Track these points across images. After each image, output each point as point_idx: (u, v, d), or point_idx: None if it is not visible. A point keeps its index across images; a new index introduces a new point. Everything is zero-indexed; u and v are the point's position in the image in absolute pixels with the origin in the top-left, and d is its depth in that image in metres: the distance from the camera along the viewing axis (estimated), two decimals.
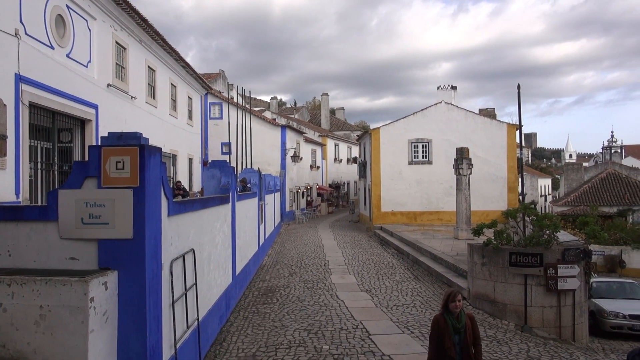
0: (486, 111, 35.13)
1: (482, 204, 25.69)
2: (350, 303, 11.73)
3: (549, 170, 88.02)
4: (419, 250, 18.34)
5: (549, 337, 10.40)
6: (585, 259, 11.04)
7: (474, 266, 11.66)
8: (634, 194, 40.91)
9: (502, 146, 27.52)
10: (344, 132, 56.76)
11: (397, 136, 28.31)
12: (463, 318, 5.62)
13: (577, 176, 49.12)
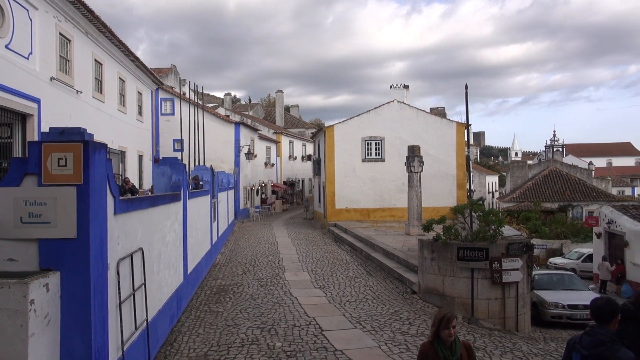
0: (437, 110, 36.10)
1: (432, 200, 26.35)
2: (304, 300, 11.79)
3: (496, 168, 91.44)
4: (372, 246, 18.63)
5: (494, 328, 10.84)
6: (527, 252, 11.56)
7: (424, 261, 11.97)
8: (574, 190, 43.16)
9: (451, 144, 28.34)
10: (298, 130, 56.79)
11: (351, 134, 28.60)
12: (458, 348, 4.58)
13: (522, 173, 51.24)
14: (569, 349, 4.21)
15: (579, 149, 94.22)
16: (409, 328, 9.70)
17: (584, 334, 4.08)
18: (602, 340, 3.93)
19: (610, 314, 4.06)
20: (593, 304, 4.25)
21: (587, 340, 3.99)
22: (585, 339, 4.02)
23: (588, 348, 3.96)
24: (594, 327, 4.07)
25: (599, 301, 4.27)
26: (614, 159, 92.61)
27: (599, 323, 4.08)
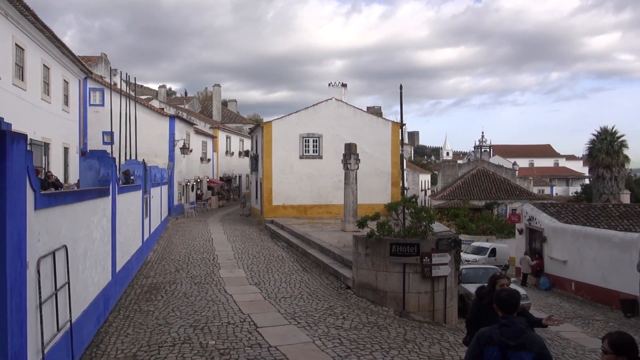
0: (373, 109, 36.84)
1: (368, 197, 26.89)
2: (239, 297, 11.68)
3: (429, 167, 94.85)
4: (308, 242, 18.76)
5: (424, 321, 11.26)
6: (455, 247, 12.10)
7: (358, 257, 12.21)
8: (499, 189, 45.64)
9: (387, 143, 29.05)
10: (236, 125, 55.99)
11: (289, 130, 28.59)
12: None
13: (452, 172, 53.51)
14: (481, 344, 4.19)
15: (505, 150, 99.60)
16: (343, 322, 9.87)
17: (502, 326, 4.20)
18: (521, 328, 4.15)
19: (516, 304, 4.35)
20: (499, 297, 4.46)
21: (510, 331, 4.13)
22: (506, 331, 4.14)
23: (514, 338, 4.08)
24: (509, 318, 4.26)
25: (503, 293, 4.51)
26: (535, 160, 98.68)
27: (509, 313, 4.32)
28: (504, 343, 4.08)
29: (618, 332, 3.83)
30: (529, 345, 4.05)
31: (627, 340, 3.70)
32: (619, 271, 17.69)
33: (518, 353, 4.03)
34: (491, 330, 4.23)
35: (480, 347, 4.15)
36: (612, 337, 3.74)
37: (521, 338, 4.08)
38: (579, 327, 14.22)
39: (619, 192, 43.18)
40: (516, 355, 4.03)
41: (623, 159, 44.81)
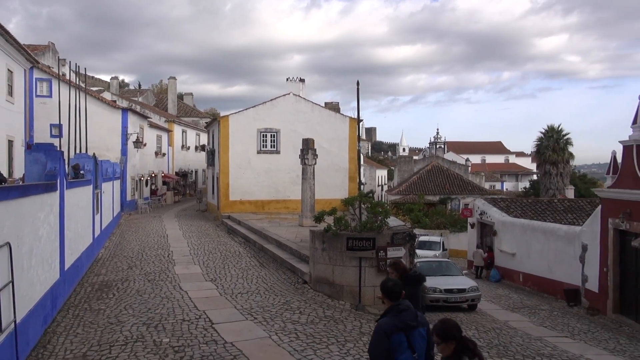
0: (331, 105, 36.96)
1: (326, 192, 27.00)
2: (194, 293, 11.52)
3: (385, 162, 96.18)
4: (265, 238, 18.70)
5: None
6: (410, 241, 12.37)
7: (315, 251, 12.28)
8: (453, 184, 46.90)
9: (345, 138, 29.25)
10: (192, 119, 54.94)
11: (246, 125, 28.32)
12: None
13: (408, 168, 54.52)
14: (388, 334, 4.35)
15: (459, 146, 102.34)
16: (300, 317, 9.92)
17: (402, 312, 4.46)
18: (415, 310, 4.57)
19: (401, 292, 4.65)
20: (386, 286, 4.73)
21: (410, 315, 4.46)
22: (408, 315, 4.45)
23: (414, 319, 4.46)
24: (403, 303, 4.56)
25: (389, 283, 4.79)
26: (487, 156, 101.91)
27: (396, 299, 4.59)
28: (408, 325, 4.41)
29: (441, 320, 4.11)
30: (422, 322, 4.55)
31: (449, 326, 3.98)
32: (563, 263, 18.56)
33: (417, 330, 4.45)
34: (392, 319, 4.46)
35: (387, 337, 4.35)
36: (436, 327, 4.03)
37: (421, 318, 4.57)
38: (525, 317, 14.83)
39: (564, 187, 45.23)
40: (416, 332, 4.44)
41: (568, 156, 46.94)
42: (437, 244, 26.95)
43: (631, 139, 14.44)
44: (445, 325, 4.01)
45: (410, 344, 4.37)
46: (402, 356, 4.32)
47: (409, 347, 4.36)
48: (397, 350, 4.33)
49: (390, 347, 4.33)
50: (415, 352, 4.39)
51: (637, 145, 14.13)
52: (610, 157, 16.12)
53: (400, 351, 4.34)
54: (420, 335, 4.46)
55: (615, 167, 15.55)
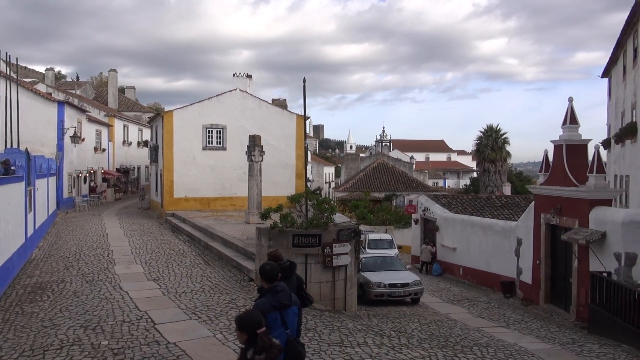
0: (278, 101, 36.82)
1: (273, 189, 26.89)
2: (136, 294, 11.17)
3: (333, 160, 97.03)
4: (211, 235, 18.41)
5: (325, 309, 11.58)
6: (355, 237, 12.56)
7: (261, 249, 12.22)
8: (398, 181, 47.99)
9: (292, 135, 29.21)
10: (134, 114, 53.09)
11: (191, 120, 27.71)
12: None
13: (355, 165, 55.23)
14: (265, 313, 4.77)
15: (403, 144, 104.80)
16: None
17: (278, 292, 5.01)
18: (289, 291, 5.18)
19: (277, 275, 5.26)
20: (264, 270, 5.27)
21: (285, 295, 5.03)
22: (283, 295, 5.01)
23: (288, 299, 5.03)
24: (279, 285, 5.12)
25: (267, 267, 5.32)
26: (430, 154, 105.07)
27: (273, 282, 5.16)
28: (282, 305, 4.99)
29: (246, 310, 4.58)
30: (294, 301, 5.20)
31: (247, 318, 4.32)
32: (499, 256, 19.47)
33: (291, 309, 5.07)
34: (269, 299, 5.02)
35: (265, 316, 4.79)
36: (237, 316, 4.41)
37: (291, 297, 5.15)
38: (465, 309, 15.45)
39: (502, 184, 47.41)
40: (289, 310, 5.05)
41: (505, 154, 49.24)
42: (391, 242, 26.60)
43: (561, 138, 15.33)
44: (244, 316, 4.37)
45: (284, 321, 4.95)
46: (276, 332, 4.83)
47: (283, 323, 4.92)
48: (272, 327, 4.84)
49: (266, 324, 4.76)
50: (288, 328, 4.98)
51: (567, 144, 15.03)
52: (543, 156, 17.05)
53: (275, 327, 4.87)
54: (293, 313, 5.10)
55: (547, 165, 16.46)
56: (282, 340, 4.85)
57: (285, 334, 4.90)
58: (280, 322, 4.91)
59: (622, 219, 12.31)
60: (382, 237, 27.26)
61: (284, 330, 4.90)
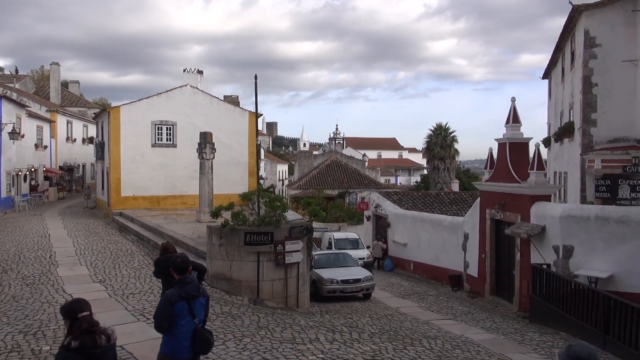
0: (230, 98, 36.36)
1: (225, 187, 26.54)
2: (80, 296, 10.73)
3: (286, 157, 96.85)
4: (161, 235, 17.99)
5: (277, 307, 11.57)
6: (307, 235, 12.61)
7: (212, 247, 12.06)
8: (351, 178, 48.47)
9: (244, 133, 28.94)
10: (79, 109, 50.91)
11: (140, 117, 26.92)
12: None
13: (308, 163, 55.36)
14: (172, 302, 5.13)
15: (356, 142, 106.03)
16: None
17: (187, 284, 5.26)
18: (198, 282, 5.50)
19: (187, 267, 5.47)
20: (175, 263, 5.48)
21: (193, 286, 5.30)
22: (191, 287, 5.27)
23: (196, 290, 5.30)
24: (188, 277, 5.36)
25: (177, 259, 5.57)
26: (383, 152, 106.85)
27: (183, 274, 5.38)
28: (191, 296, 5.24)
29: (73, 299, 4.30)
30: (202, 292, 5.43)
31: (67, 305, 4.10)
32: (448, 251, 20.07)
33: (198, 300, 5.32)
34: (177, 289, 5.27)
35: (171, 305, 5.15)
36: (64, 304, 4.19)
37: (200, 288, 5.40)
38: (415, 303, 15.84)
39: (451, 181, 48.88)
40: (197, 302, 5.30)
41: (454, 152, 50.80)
42: (359, 241, 24.78)
43: (505, 137, 15.96)
44: (65, 304, 4.16)
45: (191, 311, 5.21)
46: (182, 321, 5.16)
47: (190, 313, 5.20)
48: (179, 316, 5.15)
49: (173, 313, 5.12)
50: (195, 317, 5.23)
51: (510, 143, 15.67)
52: (488, 154, 17.70)
53: (182, 317, 5.16)
54: (200, 304, 5.35)
55: (492, 162, 17.11)
56: (190, 328, 5.20)
57: (192, 322, 5.21)
58: (188, 312, 5.20)
59: (560, 213, 12.97)
60: (350, 237, 25.29)
61: (191, 319, 5.21)
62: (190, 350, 5.26)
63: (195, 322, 5.23)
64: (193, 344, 5.23)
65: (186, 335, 5.20)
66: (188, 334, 5.20)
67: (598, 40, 19.68)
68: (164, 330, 5.20)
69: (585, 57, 19.93)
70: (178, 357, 5.26)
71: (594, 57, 19.78)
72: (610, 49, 19.60)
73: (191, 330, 5.21)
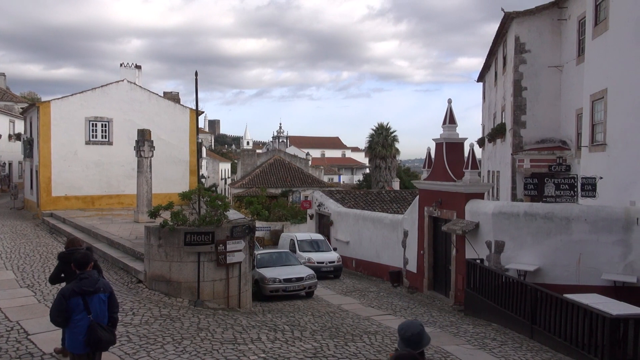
0: (171, 95, 35.36)
1: (165, 186, 25.82)
2: (5, 303, 10.13)
3: (229, 156, 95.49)
4: (95, 236, 17.24)
5: (219, 308, 11.41)
6: (250, 234, 12.51)
7: (150, 248, 11.71)
8: (294, 177, 48.54)
9: (185, 130, 28.23)
10: (5, 103, 47.70)
11: (72, 112, 25.61)
12: None
13: (251, 161, 54.85)
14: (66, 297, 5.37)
15: (300, 140, 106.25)
16: (132, 319, 9.38)
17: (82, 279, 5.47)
18: (96, 278, 5.65)
19: (88, 262, 5.70)
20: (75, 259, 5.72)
21: (88, 282, 5.48)
22: (86, 282, 5.46)
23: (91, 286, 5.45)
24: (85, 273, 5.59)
25: (77, 255, 5.78)
26: (326, 150, 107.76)
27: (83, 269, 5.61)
28: (85, 291, 5.42)
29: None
30: (103, 288, 5.61)
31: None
32: (388, 248, 20.56)
33: (96, 295, 5.49)
34: (73, 285, 5.47)
35: (66, 300, 5.35)
36: None
37: (97, 284, 5.56)
38: (356, 299, 16.11)
39: (392, 179, 50.08)
40: (95, 297, 5.47)
41: (395, 151, 52.09)
42: (325, 242, 22.19)
43: (441, 137, 16.56)
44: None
45: (86, 306, 5.38)
46: (78, 316, 5.35)
47: (85, 309, 5.38)
48: (74, 311, 5.35)
49: (68, 308, 5.32)
50: (90, 313, 5.41)
51: (446, 142, 16.27)
52: (426, 153, 18.29)
53: (77, 312, 5.36)
54: (99, 300, 5.51)
55: (430, 161, 17.69)
56: (85, 324, 5.38)
57: (87, 318, 5.39)
58: (83, 307, 5.37)
59: (492, 210, 13.62)
60: (314, 238, 22.42)
61: (86, 315, 5.39)
62: (85, 346, 5.42)
63: (90, 318, 5.39)
64: (86, 340, 5.40)
65: (82, 330, 5.37)
66: (83, 329, 5.37)
67: (527, 46, 20.85)
68: (59, 325, 5.46)
69: (515, 62, 21.03)
70: (74, 351, 5.46)
71: (523, 62, 20.92)
72: (538, 55, 20.82)
73: (86, 325, 5.38)
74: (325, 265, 20.08)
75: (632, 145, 13.05)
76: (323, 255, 20.55)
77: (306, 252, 20.70)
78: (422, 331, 3.81)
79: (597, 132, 15.41)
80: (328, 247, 21.79)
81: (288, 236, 22.91)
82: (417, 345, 3.79)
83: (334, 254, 20.98)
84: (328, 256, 20.60)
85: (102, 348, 5.67)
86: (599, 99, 15.04)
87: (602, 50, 14.89)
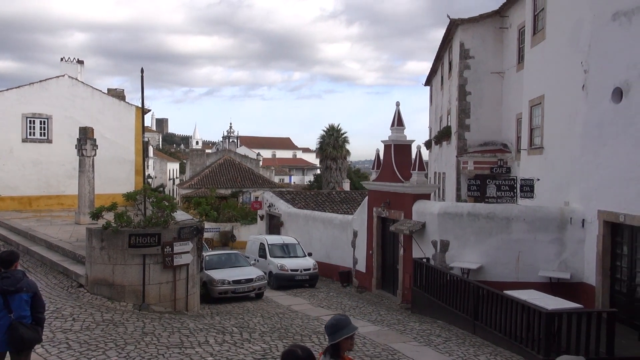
0: (115, 91, 34.14)
1: (109, 187, 24.87)
2: None
3: (177, 155, 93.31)
4: (32, 239, 16.38)
5: (165, 311, 11.12)
6: (197, 235, 12.27)
7: (92, 251, 11.25)
8: (244, 178, 48.08)
9: (130, 129, 27.33)
10: None
11: (8, 108, 24.22)
12: None
13: (200, 161, 53.87)
14: None
15: (251, 141, 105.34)
16: (73, 324, 8.98)
17: (3, 278, 5.50)
18: (19, 277, 5.61)
19: (12, 261, 5.73)
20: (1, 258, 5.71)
21: (9, 281, 5.49)
22: (7, 281, 5.48)
23: (13, 285, 5.50)
24: (8, 272, 5.60)
25: (3, 254, 5.79)
26: (277, 151, 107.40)
27: (7, 268, 5.64)
28: (5, 290, 5.45)
29: None
30: (26, 288, 5.60)
31: None
32: (338, 248, 20.76)
33: (18, 295, 5.52)
34: None
35: None
36: None
37: (19, 284, 5.56)
38: (306, 300, 16.16)
39: (342, 180, 50.56)
40: (16, 296, 5.51)
41: (345, 152, 52.63)
42: (297, 247, 20.12)
43: (390, 139, 16.90)
44: None
45: (7, 305, 5.45)
46: None
47: (6, 307, 5.44)
48: None
49: None
50: (12, 312, 5.46)
51: (394, 144, 16.62)
52: (375, 154, 18.61)
53: None
54: (21, 299, 5.54)
55: (379, 163, 18.02)
56: (6, 323, 5.43)
57: (8, 317, 5.44)
58: (3, 306, 5.43)
59: (438, 210, 14.05)
60: (287, 241, 20.51)
61: (6, 314, 5.44)
62: (6, 344, 5.46)
63: (11, 317, 5.44)
64: (7, 339, 5.44)
65: (2, 329, 5.42)
66: (3, 328, 5.42)
67: (472, 52, 21.66)
68: None
69: (460, 67, 21.80)
70: None
71: (468, 68, 21.71)
72: (481, 61, 21.67)
73: (7, 324, 5.43)
74: (299, 273, 18.17)
75: (566, 148, 13.83)
76: (297, 261, 18.75)
77: (278, 257, 18.85)
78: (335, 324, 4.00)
79: (535, 136, 16.22)
80: (302, 253, 19.83)
81: (257, 239, 20.86)
82: (332, 337, 3.97)
83: (309, 261, 19.18)
84: (303, 262, 18.77)
85: (25, 347, 5.65)
86: (537, 104, 15.84)
87: (540, 58, 15.69)
